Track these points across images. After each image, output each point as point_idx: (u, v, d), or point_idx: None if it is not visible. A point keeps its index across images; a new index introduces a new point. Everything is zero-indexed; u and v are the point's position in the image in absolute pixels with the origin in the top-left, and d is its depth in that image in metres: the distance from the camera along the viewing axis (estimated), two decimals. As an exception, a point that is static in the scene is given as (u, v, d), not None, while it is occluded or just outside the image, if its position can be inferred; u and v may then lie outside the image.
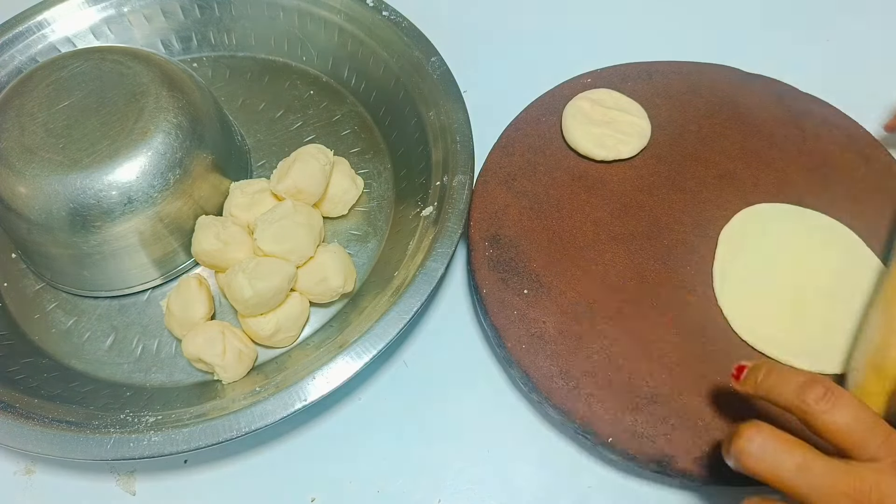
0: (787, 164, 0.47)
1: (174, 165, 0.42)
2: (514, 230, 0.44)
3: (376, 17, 0.51)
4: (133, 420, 0.37)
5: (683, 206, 0.46)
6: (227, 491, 0.40)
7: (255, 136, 0.52)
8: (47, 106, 0.42)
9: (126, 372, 0.43)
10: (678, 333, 0.41)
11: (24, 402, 0.38)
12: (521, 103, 0.50)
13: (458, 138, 0.45)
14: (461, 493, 0.40)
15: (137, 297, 0.45)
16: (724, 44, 0.58)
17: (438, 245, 0.41)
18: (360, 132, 0.53)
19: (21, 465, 0.41)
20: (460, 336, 0.45)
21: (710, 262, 0.43)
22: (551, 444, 0.42)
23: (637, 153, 0.48)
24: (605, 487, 0.40)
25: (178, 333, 0.42)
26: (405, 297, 0.39)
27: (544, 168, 0.47)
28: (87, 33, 0.53)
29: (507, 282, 0.42)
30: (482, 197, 0.45)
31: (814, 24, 0.62)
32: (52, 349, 0.44)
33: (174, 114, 0.42)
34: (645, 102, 0.50)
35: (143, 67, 0.43)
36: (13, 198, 0.40)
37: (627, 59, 0.53)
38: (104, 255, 0.42)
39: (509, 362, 0.41)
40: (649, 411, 0.38)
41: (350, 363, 0.37)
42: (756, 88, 0.51)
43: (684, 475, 0.37)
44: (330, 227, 0.48)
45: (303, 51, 0.56)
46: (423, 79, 0.49)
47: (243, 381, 0.41)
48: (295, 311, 0.42)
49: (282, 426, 0.41)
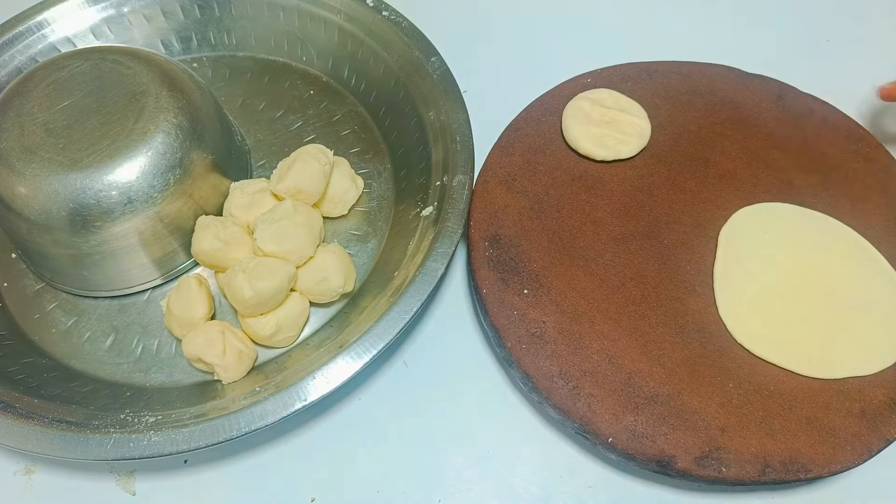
0: (787, 164, 0.47)
1: (174, 165, 0.42)
2: (514, 230, 0.44)
3: (376, 17, 0.51)
4: (133, 420, 0.37)
5: (683, 206, 0.46)
6: (227, 491, 0.40)
7: (255, 136, 0.52)
8: (47, 106, 0.42)
9: (126, 372, 0.43)
10: (678, 333, 0.41)
11: (24, 402, 0.38)
12: (521, 103, 0.50)
13: (458, 138, 0.45)
14: (461, 493, 0.40)
15: (137, 297, 0.45)
16: (724, 44, 0.58)
17: (438, 245, 0.41)
18: (360, 132, 0.53)
19: (21, 465, 0.41)
20: (460, 336, 0.45)
21: (710, 262, 0.43)
22: (551, 444, 0.42)
23: (637, 153, 0.48)
24: (605, 487, 0.40)
25: (178, 333, 0.42)
26: (405, 297, 0.39)
27: (544, 168, 0.47)
28: (87, 33, 0.53)
29: (507, 282, 0.42)
30: (482, 197, 0.45)
31: (814, 24, 0.62)
32: (52, 349, 0.44)
33: (174, 114, 0.42)
34: (645, 102, 0.50)
35: (143, 67, 0.43)
36: (13, 198, 0.40)
37: (627, 59, 0.53)
38: (104, 255, 0.42)
39: (509, 362, 0.41)
40: (649, 411, 0.38)
41: (350, 363, 0.37)
42: (756, 88, 0.51)
43: (684, 475, 0.37)
44: (330, 227, 0.48)
45: (303, 51, 0.56)
46: (423, 79, 0.49)
47: (243, 381, 0.41)
48: (295, 311, 0.42)
49: (282, 426, 0.41)
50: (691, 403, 0.38)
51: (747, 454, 0.37)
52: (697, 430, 0.37)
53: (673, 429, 0.37)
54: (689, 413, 0.38)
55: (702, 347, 0.40)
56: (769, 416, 0.38)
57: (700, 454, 0.37)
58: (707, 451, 0.37)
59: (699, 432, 0.37)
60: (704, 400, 0.38)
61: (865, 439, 0.37)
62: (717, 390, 0.39)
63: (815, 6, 0.63)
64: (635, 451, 0.37)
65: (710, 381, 0.39)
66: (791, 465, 0.36)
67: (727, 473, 0.36)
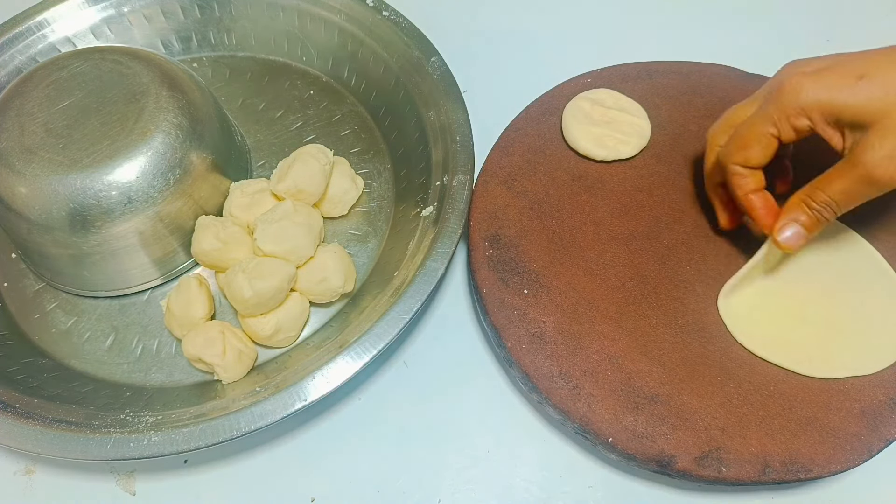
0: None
1: (174, 165, 0.42)
2: (514, 230, 0.44)
3: (376, 17, 0.51)
4: (133, 420, 0.37)
5: (683, 206, 0.46)
6: (227, 491, 0.40)
7: (255, 136, 0.52)
8: (47, 106, 0.42)
9: (126, 372, 0.43)
10: (678, 333, 0.41)
11: (24, 402, 0.38)
12: (521, 103, 0.50)
13: (458, 138, 0.45)
14: (461, 493, 0.40)
15: (137, 297, 0.45)
16: (724, 44, 0.58)
17: (438, 245, 0.41)
18: (360, 132, 0.53)
19: (21, 465, 0.41)
20: (460, 336, 0.45)
21: (710, 262, 0.43)
22: (551, 444, 0.42)
23: (637, 153, 0.48)
24: (605, 487, 0.40)
25: (178, 333, 0.42)
26: (405, 297, 0.39)
27: (544, 168, 0.47)
28: (87, 33, 0.53)
29: (507, 282, 0.42)
30: (482, 197, 0.45)
31: (814, 24, 0.62)
32: (52, 349, 0.44)
33: (174, 114, 0.42)
34: (645, 102, 0.50)
35: (143, 67, 0.43)
36: (13, 198, 0.40)
37: (627, 59, 0.53)
38: (104, 255, 0.42)
39: (509, 362, 0.41)
40: (649, 411, 0.38)
41: (350, 363, 0.37)
42: (756, 88, 0.51)
43: (684, 475, 0.37)
44: (330, 227, 0.48)
45: (303, 51, 0.56)
46: (423, 79, 0.49)
47: (243, 381, 0.41)
48: (295, 311, 0.42)
49: (282, 426, 0.41)
50: (691, 403, 0.38)
51: (747, 454, 0.36)
52: (697, 430, 0.37)
53: (673, 429, 0.37)
54: (689, 413, 0.38)
55: (702, 347, 0.40)
56: (769, 416, 0.38)
57: (700, 454, 0.37)
58: (707, 451, 0.37)
59: (699, 432, 0.37)
60: (704, 400, 0.38)
61: (865, 439, 0.37)
62: (717, 390, 0.39)
63: (815, 6, 0.63)
64: (635, 451, 0.37)
65: (710, 381, 0.39)
66: (791, 465, 0.36)
67: (727, 473, 0.36)
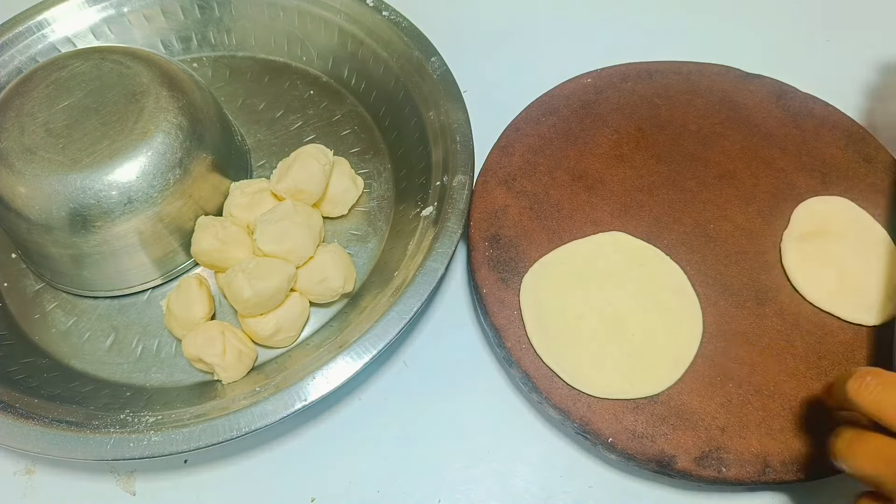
0: (787, 164, 0.47)
1: (174, 165, 0.42)
2: (514, 230, 0.44)
3: (376, 17, 0.51)
4: (133, 420, 0.37)
5: (683, 206, 0.46)
6: (227, 491, 0.40)
7: (255, 136, 0.52)
8: (47, 106, 0.42)
9: (126, 372, 0.43)
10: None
11: (24, 402, 0.38)
12: (521, 103, 0.50)
13: (458, 138, 0.45)
14: (461, 493, 0.40)
15: (137, 297, 0.45)
16: (724, 44, 0.58)
17: (438, 245, 0.41)
18: (360, 132, 0.53)
19: (21, 465, 0.41)
20: (460, 336, 0.45)
21: (710, 262, 0.43)
22: (551, 444, 0.42)
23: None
24: (605, 487, 0.40)
25: (178, 333, 0.42)
26: (405, 297, 0.39)
27: (544, 168, 0.47)
28: (87, 33, 0.53)
29: (507, 282, 0.42)
30: (482, 197, 0.45)
31: (814, 25, 0.62)
32: (52, 349, 0.44)
33: (174, 114, 0.42)
34: (645, 102, 0.50)
35: (143, 67, 0.43)
36: (13, 198, 0.40)
37: (627, 59, 0.53)
38: (104, 255, 0.42)
39: (509, 362, 0.41)
40: (649, 411, 0.38)
41: (350, 363, 0.37)
42: (756, 88, 0.51)
43: (684, 475, 0.37)
44: (330, 227, 0.48)
45: (303, 51, 0.56)
46: (423, 79, 0.49)
47: (243, 381, 0.41)
48: (295, 311, 0.42)
49: (282, 426, 0.41)
50: (691, 403, 0.38)
51: (747, 454, 0.37)
52: (697, 430, 0.37)
53: (673, 429, 0.37)
54: (689, 413, 0.38)
55: (702, 347, 0.40)
56: (769, 416, 0.38)
57: (700, 454, 0.37)
58: (707, 451, 0.37)
59: (699, 432, 0.37)
60: (704, 400, 0.38)
61: (865, 439, 0.37)
62: (717, 390, 0.39)
63: (814, 6, 0.63)
64: (635, 451, 0.37)
65: (710, 381, 0.39)
66: (791, 465, 0.36)
67: (727, 473, 0.36)
